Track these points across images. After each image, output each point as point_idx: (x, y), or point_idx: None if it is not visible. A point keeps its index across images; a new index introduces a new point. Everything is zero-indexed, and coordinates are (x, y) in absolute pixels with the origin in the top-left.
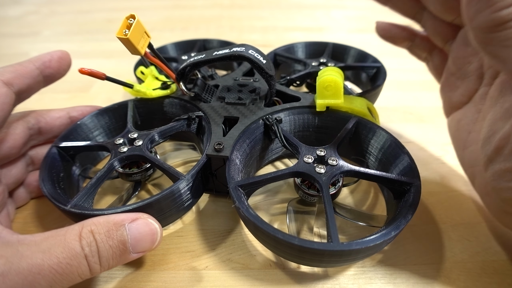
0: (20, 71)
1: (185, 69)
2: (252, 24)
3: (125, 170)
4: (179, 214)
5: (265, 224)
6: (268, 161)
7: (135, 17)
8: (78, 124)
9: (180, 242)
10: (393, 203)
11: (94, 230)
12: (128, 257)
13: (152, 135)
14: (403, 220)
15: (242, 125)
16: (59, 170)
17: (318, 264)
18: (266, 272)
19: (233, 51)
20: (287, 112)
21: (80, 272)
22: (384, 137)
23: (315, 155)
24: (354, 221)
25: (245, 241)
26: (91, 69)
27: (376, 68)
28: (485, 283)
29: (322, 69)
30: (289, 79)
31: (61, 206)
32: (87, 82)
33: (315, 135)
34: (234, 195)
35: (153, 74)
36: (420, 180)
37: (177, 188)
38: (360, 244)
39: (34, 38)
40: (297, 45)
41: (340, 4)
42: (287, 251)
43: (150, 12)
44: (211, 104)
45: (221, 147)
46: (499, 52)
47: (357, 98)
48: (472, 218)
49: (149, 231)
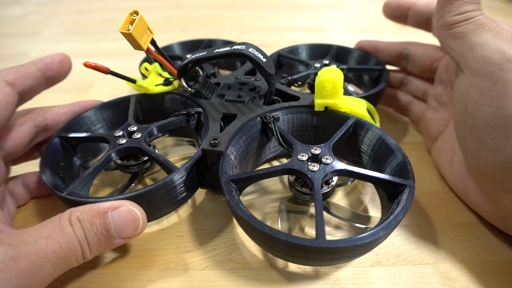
0: (22, 72)
1: (187, 66)
2: (252, 24)
3: (123, 162)
4: (173, 206)
5: (253, 218)
6: (265, 159)
7: (139, 13)
8: (81, 117)
9: (180, 242)
10: (387, 203)
11: (79, 217)
12: (114, 243)
13: (150, 129)
14: (393, 221)
15: (239, 122)
16: (60, 159)
17: (306, 262)
18: (266, 272)
19: (233, 49)
20: (286, 110)
21: (77, 256)
22: (378, 136)
23: (309, 153)
24: (347, 221)
25: (245, 241)
26: (95, 63)
27: (379, 71)
28: (485, 283)
29: (322, 69)
30: (290, 79)
31: (57, 193)
32: (87, 82)
33: (313, 135)
34: (225, 189)
35: (157, 70)
36: (414, 181)
37: (171, 180)
38: (347, 242)
39: (34, 38)
40: (301, 46)
41: (340, 4)
42: (275, 246)
43: (150, 12)
44: (211, 101)
45: (217, 142)
46: (451, 44)
47: (357, 99)
48: (472, 218)
49: (131, 217)
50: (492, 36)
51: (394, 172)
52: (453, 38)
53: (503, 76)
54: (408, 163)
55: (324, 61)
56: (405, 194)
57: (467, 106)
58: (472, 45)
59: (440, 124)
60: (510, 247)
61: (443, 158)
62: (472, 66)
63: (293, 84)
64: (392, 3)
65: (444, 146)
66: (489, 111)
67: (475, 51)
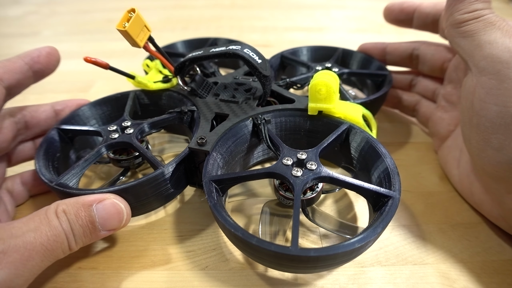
0: (9, 66)
1: (184, 64)
2: (252, 24)
3: (115, 156)
4: (160, 202)
5: (228, 221)
6: (256, 161)
7: (135, 11)
8: (80, 110)
9: (180, 242)
10: (373, 214)
11: (65, 209)
12: (99, 235)
13: (142, 125)
14: (371, 233)
15: (229, 123)
16: (56, 150)
17: (280, 268)
18: (266, 272)
19: (228, 49)
20: (278, 113)
21: (63, 247)
22: (366, 140)
23: (295, 158)
24: (330, 231)
25: None
26: (95, 58)
27: (383, 77)
28: (485, 283)
29: (317, 73)
30: (288, 81)
31: (47, 182)
32: (87, 82)
33: (306, 139)
34: (206, 189)
35: (157, 67)
36: (399, 193)
37: (155, 176)
38: (319, 252)
39: (34, 38)
40: (304, 48)
41: (340, 4)
42: (248, 250)
43: (150, 12)
44: (205, 100)
45: (204, 141)
46: (460, 42)
47: (352, 105)
48: (472, 218)
49: (115, 210)
50: (501, 34)
51: (382, 181)
52: (462, 37)
53: (510, 74)
54: (397, 174)
55: (326, 64)
56: (388, 206)
57: (473, 104)
58: (480, 43)
59: (450, 123)
60: (510, 247)
61: (451, 156)
62: (480, 64)
63: (292, 87)
64: (395, 7)
65: (454, 145)
66: (495, 110)
67: (484, 49)
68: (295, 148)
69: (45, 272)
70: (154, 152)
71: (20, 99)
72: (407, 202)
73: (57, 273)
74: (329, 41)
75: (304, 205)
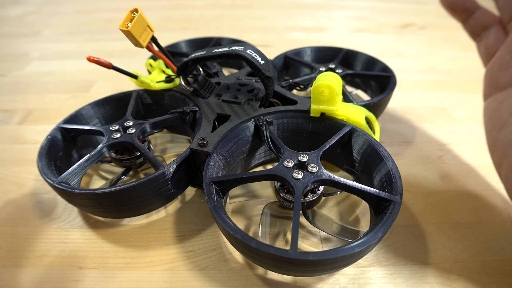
0: None
1: (186, 64)
2: (252, 24)
3: (117, 156)
4: (161, 202)
5: (227, 223)
6: (258, 162)
7: (138, 11)
8: (83, 109)
9: (180, 242)
10: (374, 217)
11: None
12: None
13: (144, 125)
14: (371, 238)
15: (231, 124)
16: (59, 149)
17: (279, 270)
18: (265, 272)
19: (231, 49)
20: (280, 114)
21: None
22: (371, 147)
23: (296, 160)
24: (328, 233)
25: None
26: (99, 58)
27: (387, 78)
28: (485, 283)
29: (320, 74)
30: (291, 82)
31: (48, 181)
32: (88, 82)
33: (308, 141)
34: (206, 190)
35: (161, 67)
36: (401, 197)
37: (156, 177)
38: (318, 255)
39: (34, 38)
40: (307, 49)
41: (340, 4)
42: (247, 252)
43: (150, 12)
44: (208, 100)
45: (205, 142)
46: None
47: (356, 107)
48: (472, 218)
49: None
50: None
51: (384, 185)
52: None
53: None
54: (399, 178)
55: (330, 65)
56: (389, 210)
57: None
58: None
59: None
60: (509, 247)
61: (498, 115)
62: None
63: (295, 87)
64: None
65: (506, 102)
66: None
67: None
68: (297, 150)
69: (45, 272)
70: (156, 152)
71: (20, 99)
72: (407, 202)
73: (57, 273)
74: (329, 41)
75: (305, 207)
